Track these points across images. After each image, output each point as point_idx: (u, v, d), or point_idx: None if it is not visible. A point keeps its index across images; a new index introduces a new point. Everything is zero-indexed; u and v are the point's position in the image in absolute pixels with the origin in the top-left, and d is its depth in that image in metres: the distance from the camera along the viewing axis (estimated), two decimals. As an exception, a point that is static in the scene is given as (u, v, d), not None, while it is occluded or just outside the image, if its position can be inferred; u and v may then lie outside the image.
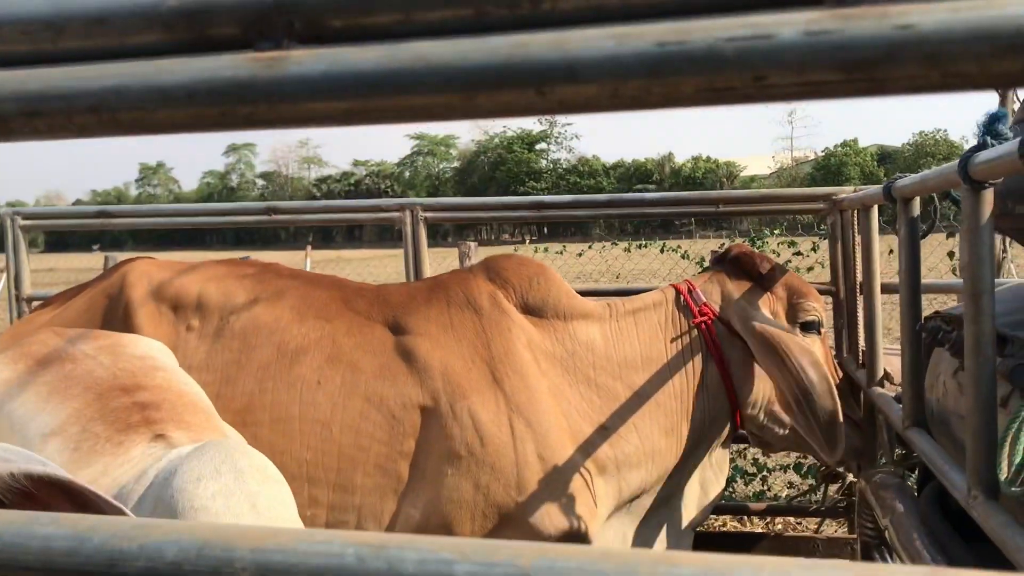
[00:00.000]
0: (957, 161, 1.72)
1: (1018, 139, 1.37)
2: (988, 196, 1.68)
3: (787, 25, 0.51)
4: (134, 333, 2.74)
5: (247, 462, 1.64)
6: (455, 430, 2.76)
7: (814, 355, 2.99)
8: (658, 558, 0.54)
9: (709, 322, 3.09)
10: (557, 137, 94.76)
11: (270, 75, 0.58)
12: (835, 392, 2.94)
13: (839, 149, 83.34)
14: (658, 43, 0.53)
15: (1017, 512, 1.61)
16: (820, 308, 3.17)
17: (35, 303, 4.03)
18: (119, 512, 1.45)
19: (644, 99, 0.55)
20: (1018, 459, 1.31)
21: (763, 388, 3.11)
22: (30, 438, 2.05)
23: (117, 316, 2.92)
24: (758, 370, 3.08)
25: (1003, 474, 1.36)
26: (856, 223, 3.35)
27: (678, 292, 3.17)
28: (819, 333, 3.17)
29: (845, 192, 3.57)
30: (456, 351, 2.88)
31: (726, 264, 3.24)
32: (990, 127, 1.67)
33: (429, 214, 3.95)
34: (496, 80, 0.55)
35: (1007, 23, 0.48)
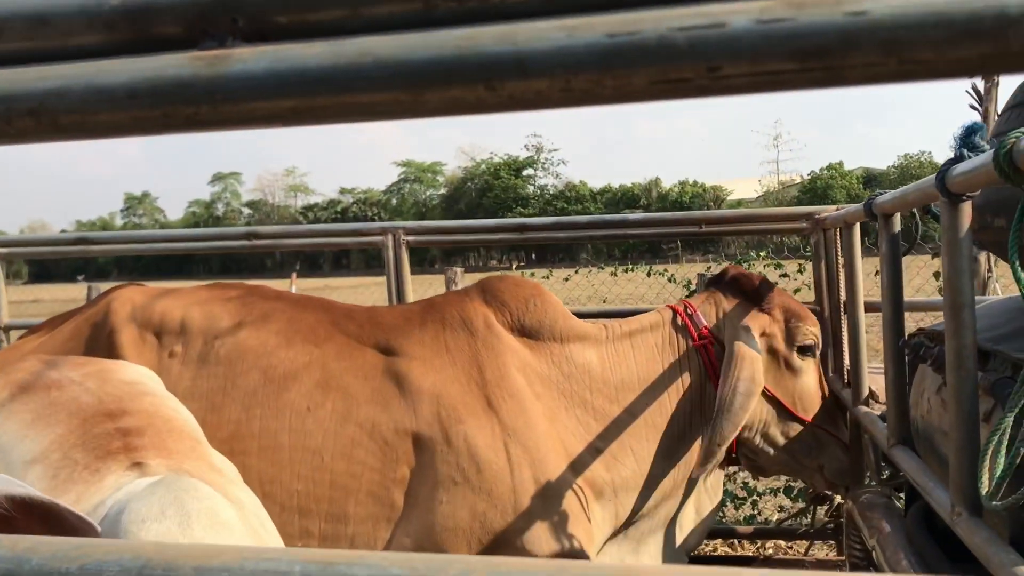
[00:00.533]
0: (935, 175, 1.72)
1: (993, 150, 1.37)
2: (966, 209, 1.67)
3: (739, 14, 0.50)
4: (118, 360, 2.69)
5: (196, 505, 1.57)
6: (450, 456, 2.70)
7: (755, 381, 2.91)
8: (616, 571, 0.52)
9: (709, 345, 3.06)
10: (544, 163, 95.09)
11: (212, 74, 0.56)
12: (740, 421, 2.86)
13: (825, 172, 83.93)
14: (609, 34, 0.51)
15: (1001, 528, 1.59)
16: (817, 332, 3.16)
17: (12, 332, 3.99)
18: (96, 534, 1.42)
19: (597, 93, 0.53)
20: (999, 472, 1.29)
21: (759, 411, 3.09)
22: (13, 465, 2.01)
23: (101, 344, 2.86)
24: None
25: (984, 488, 1.34)
26: (839, 241, 3.35)
27: (675, 313, 3.14)
28: (815, 356, 3.16)
29: (828, 211, 3.57)
30: (451, 375, 2.82)
31: (723, 285, 3.22)
32: (967, 139, 1.67)
33: (411, 237, 3.93)
34: (444, 75, 0.54)
35: (961, 8, 0.47)
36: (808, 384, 3.15)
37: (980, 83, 7.61)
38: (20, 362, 2.46)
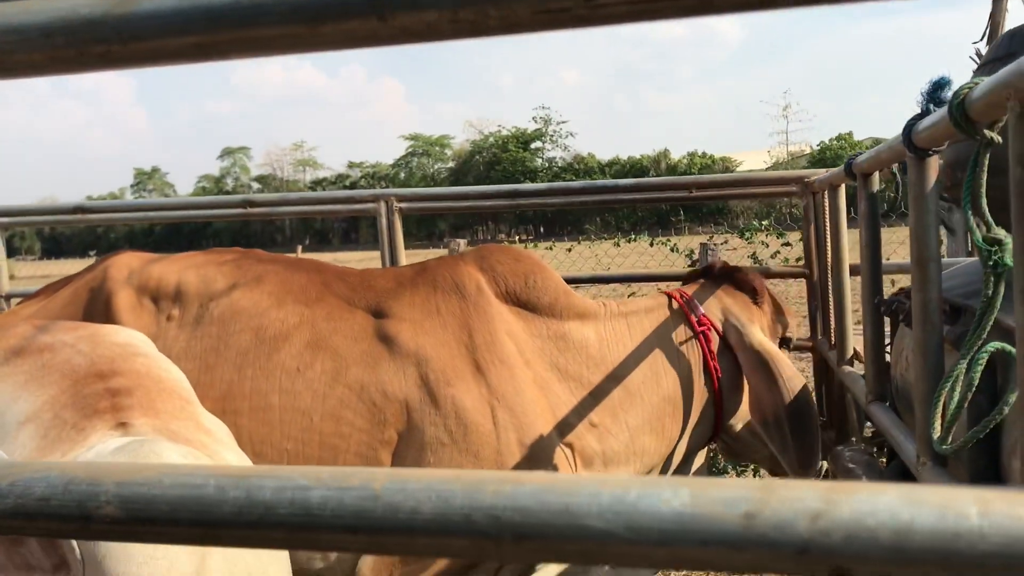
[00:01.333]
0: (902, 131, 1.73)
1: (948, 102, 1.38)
2: (932, 163, 1.69)
3: (611, -57, 0.52)
4: (115, 324, 2.72)
5: None
6: (438, 418, 2.73)
7: (802, 379, 3.01)
8: (505, 477, 0.55)
9: (708, 332, 3.11)
10: (552, 135, 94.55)
11: (122, 12, 0.59)
12: (817, 420, 2.96)
13: (834, 143, 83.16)
14: (490, -35, 0.53)
15: (963, 476, 1.62)
16: (794, 324, 3.26)
17: (13, 300, 4.04)
18: None
19: (483, 24, 0.55)
20: (949, 417, 1.32)
21: (746, 400, 3.15)
22: (8, 426, 2.05)
23: (98, 308, 2.89)
24: (744, 383, 3.11)
25: (936, 433, 1.37)
26: (827, 204, 3.36)
27: (670, 298, 3.19)
28: (789, 348, 3.25)
29: (817, 174, 3.58)
30: (441, 338, 2.85)
31: (716, 277, 3.27)
32: (933, 94, 1.68)
33: (404, 204, 3.95)
34: (339, 8, 0.56)
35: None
36: None
37: (984, 49, 7.53)
38: (12, 327, 2.50)
